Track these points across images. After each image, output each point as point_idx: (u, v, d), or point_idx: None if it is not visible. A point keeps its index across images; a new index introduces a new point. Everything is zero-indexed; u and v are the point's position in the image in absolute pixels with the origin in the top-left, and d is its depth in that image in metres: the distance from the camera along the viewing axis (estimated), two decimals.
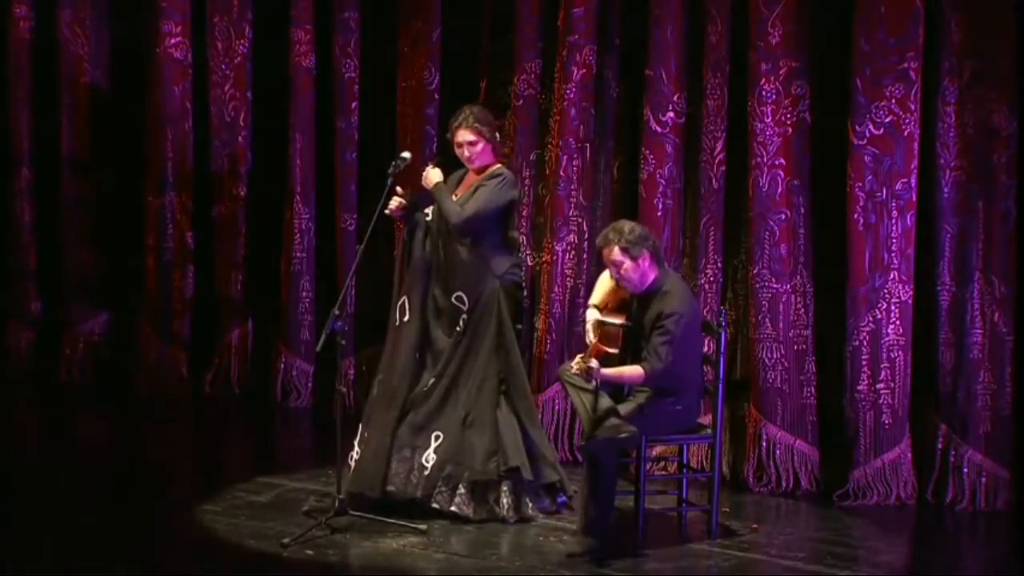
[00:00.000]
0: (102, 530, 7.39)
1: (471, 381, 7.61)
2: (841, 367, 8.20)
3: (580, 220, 8.73)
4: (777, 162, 8.18)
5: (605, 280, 7.48)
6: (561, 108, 8.67)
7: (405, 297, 7.74)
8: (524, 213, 8.81)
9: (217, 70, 9.97)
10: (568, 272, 8.72)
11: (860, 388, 8.12)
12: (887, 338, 8.09)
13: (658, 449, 8.30)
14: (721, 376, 7.46)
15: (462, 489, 7.52)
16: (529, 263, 8.85)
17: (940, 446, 8.13)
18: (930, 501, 8.16)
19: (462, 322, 7.61)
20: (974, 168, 8.02)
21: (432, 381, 7.65)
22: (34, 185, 10.31)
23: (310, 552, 7.07)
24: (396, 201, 7.69)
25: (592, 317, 7.35)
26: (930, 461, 8.17)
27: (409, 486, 7.55)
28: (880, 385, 8.10)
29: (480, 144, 7.62)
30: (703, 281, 8.49)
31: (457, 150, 7.68)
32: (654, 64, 8.46)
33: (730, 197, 8.48)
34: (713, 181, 8.45)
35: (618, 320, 7.28)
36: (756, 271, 8.26)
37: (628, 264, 7.17)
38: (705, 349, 7.62)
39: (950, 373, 8.12)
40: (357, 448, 7.72)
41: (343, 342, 7.42)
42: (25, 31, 10.21)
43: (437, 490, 7.53)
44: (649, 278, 7.22)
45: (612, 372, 7.09)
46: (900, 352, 8.10)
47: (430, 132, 9.30)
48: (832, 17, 8.18)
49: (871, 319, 8.10)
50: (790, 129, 8.18)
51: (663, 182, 8.47)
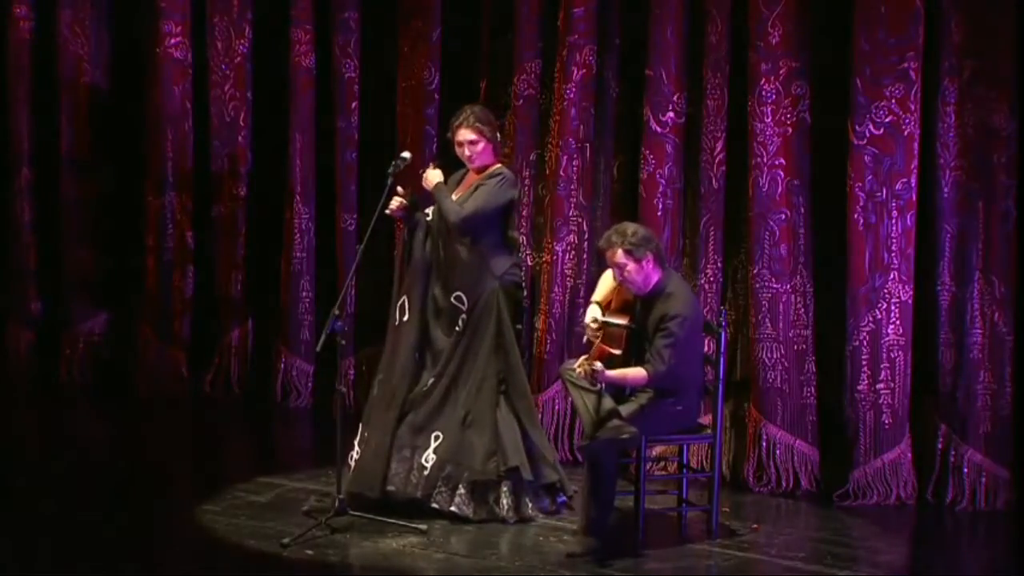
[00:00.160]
0: (102, 530, 7.39)
1: (470, 381, 7.61)
2: (841, 367, 8.20)
3: (580, 220, 8.73)
4: (777, 162, 8.18)
5: (608, 278, 7.47)
6: (561, 108, 8.67)
7: (405, 297, 7.74)
8: (524, 213, 8.82)
9: (217, 70, 9.97)
10: (568, 272, 8.72)
11: (860, 388, 8.12)
12: (887, 338, 8.09)
13: (658, 449, 8.30)
14: (721, 376, 7.46)
15: (462, 489, 7.52)
16: (529, 263, 8.85)
17: (940, 446, 8.13)
18: (930, 501, 8.16)
19: (461, 322, 7.61)
20: (974, 168, 8.02)
21: (432, 381, 7.65)
22: (34, 185, 10.31)
23: (310, 552, 7.07)
24: (397, 201, 7.69)
25: (593, 313, 7.35)
26: (930, 461, 8.17)
27: (409, 486, 7.55)
28: (880, 385, 8.10)
29: (481, 144, 7.62)
30: (703, 281, 8.49)
31: (458, 149, 7.68)
32: (654, 64, 8.46)
33: (730, 197, 8.48)
34: (713, 181, 8.45)
35: (622, 321, 7.28)
36: (756, 271, 8.26)
37: (631, 266, 7.17)
38: (705, 349, 7.62)
39: (950, 373, 8.12)
40: (357, 448, 7.72)
41: (343, 342, 7.42)
42: (25, 31, 10.21)
43: (437, 490, 7.53)
44: (652, 280, 7.22)
45: (616, 374, 7.08)
46: (900, 352, 8.10)
47: (430, 132, 9.30)
48: (832, 17, 8.18)
49: (871, 319, 8.10)
50: (790, 129, 8.18)
51: (663, 182, 8.47)
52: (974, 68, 7.97)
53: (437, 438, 7.58)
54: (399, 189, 7.71)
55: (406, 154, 7.79)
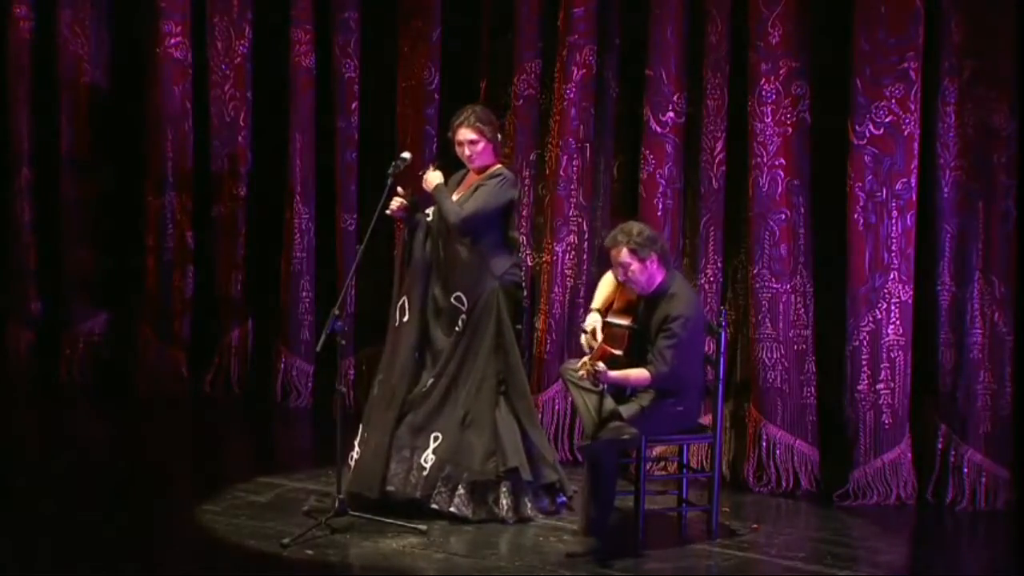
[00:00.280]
0: (102, 530, 7.39)
1: (470, 381, 7.61)
2: (841, 367, 8.20)
3: (580, 220, 8.73)
4: (777, 162, 8.18)
5: (606, 283, 7.47)
6: (561, 108, 8.67)
7: (405, 297, 7.74)
8: (524, 213, 8.81)
9: (217, 70, 9.97)
10: (568, 272, 8.72)
11: (860, 388, 8.12)
12: (887, 338, 8.09)
13: (658, 449, 8.30)
14: (721, 376, 7.46)
15: (461, 490, 7.52)
16: (529, 263, 8.85)
17: (940, 446, 8.13)
18: (930, 501, 8.16)
19: (461, 322, 7.61)
20: (974, 168, 8.02)
21: (431, 381, 7.65)
22: (34, 185, 10.31)
23: (310, 552, 7.07)
24: (398, 201, 7.69)
25: (593, 321, 7.33)
26: (930, 461, 8.17)
27: (408, 486, 7.54)
28: (880, 385, 8.10)
29: (481, 144, 7.62)
30: (703, 281, 8.49)
31: (458, 148, 7.68)
32: (654, 64, 8.46)
33: (730, 197, 8.47)
34: (713, 181, 8.45)
35: (624, 321, 7.27)
36: (756, 271, 8.26)
37: (636, 266, 7.17)
38: (706, 349, 7.62)
39: (950, 373, 8.12)
40: (357, 448, 7.71)
41: (343, 342, 7.42)
42: (25, 31, 10.22)
43: (436, 491, 7.53)
44: (656, 280, 7.21)
45: (618, 375, 7.08)
46: (900, 352, 8.10)
47: (430, 132, 9.30)
48: (832, 17, 8.18)
49: (871, 319, 8.10)
50: (790, 129, 8.18)
51: (663, 182, 8.47)
52: (974, 68, 7.97)
53: (436, 438, 7.58)
54: (399, 189, 7.71)
55: (406, 154, 7.79)
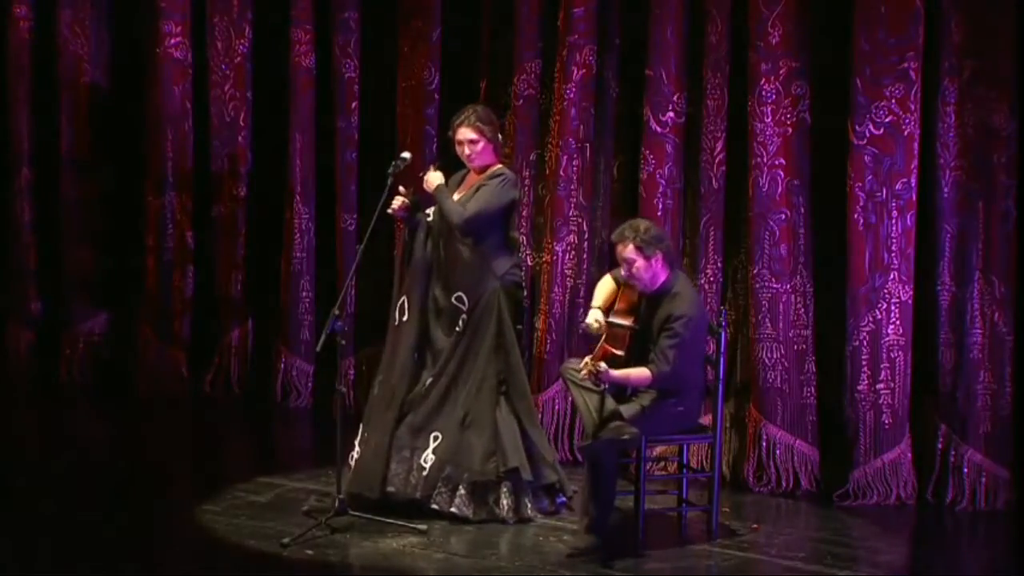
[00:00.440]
0: (102, 530, 7.39)
1: (470, 381, 7.60)
2: (841, 367, 8.20)
3: (580, 220, 8.73)
4: (777, 162, 8.18)
5: (605, 285, 7.47)
6: (561, 108, 8.67)
7: (405, 297, 7.74)
8: (524, 213, 8.81)
9: (217, 70, 9.97)
10: (568, 272, 8.72)
11: (860, 388, 8.12)
12: (887, 338, 8.09)
13: (658, 449, 8.30)
14: (721, 376, 7.46)
15: (462, 490, 7.52)
16: (529, 263, 8.85)
17: (940, 446, 8.13)
18: (930, 501, 8.16)
19: (462, 322, 7.61)
20: (974, 168, 8.02)
21: (430, 380, 7.64)
22: (34, 185, 10.32)
23: (310, 552, 7.07)
24: (399, 201, 7.68)
25: (595, 315, 7.33)
26: (930, 461, 8.17)
27: (408, 487, 7.54)
28: (880, 385, 8.10)
29: (481, 143, 7.62)
30: (703, 281, 8.49)
31: (458, 148, 7.68)
32: (654, 64, 8.46)
33: (730, 197, 8.47)
34: (713, 181, 8.45)
35: (625, 322, 7.27)
36: (756, 271, 8.26)
37: (640, 263, 7.17)
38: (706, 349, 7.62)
39: (950, 373, 8.12)
40: (358, 448, 7.72)
41: (343, 342, 7.41)
42: (25, 31, 10.22)
43: (437, 491, 7.52)
44: (660, 279, 7.21)
45: (620, 374, 7.08)
46: (900, 352, 8.10)
47: (430, 132, 9.30)
48: (832, 17, 8.18)
49: (871, 319, 8.10)
50: (790, 129, 8.18)
51: (663, 182, 8.47)
52: (974, 68, 7.97)
53: (436, 439, 7.58)
54: (401, 189, 7.71)
55: (406, 154, 7.79)
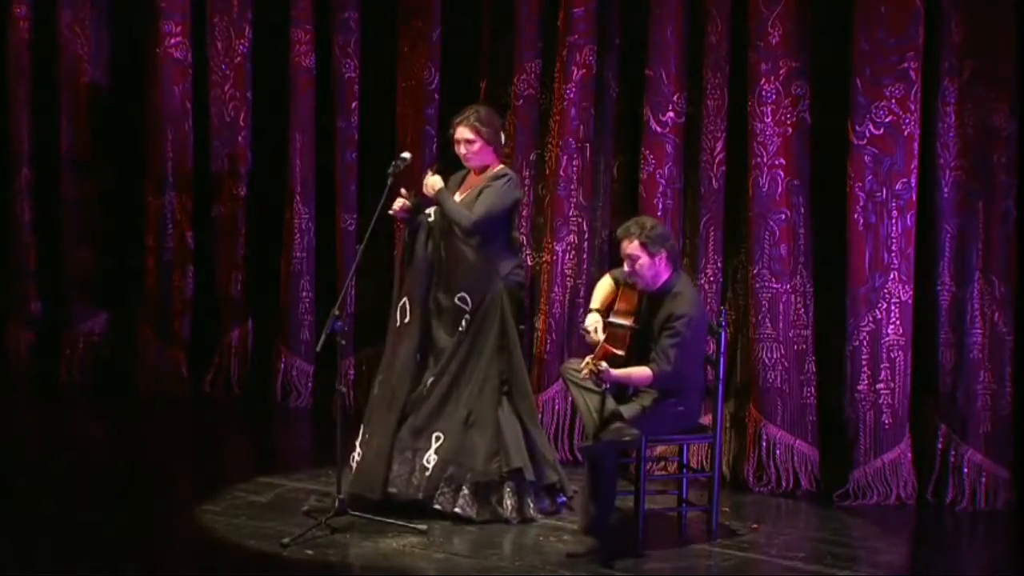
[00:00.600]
0: (102, 530, 7.39)
1: (473, 381, 7.60)
2: (841, 367, 8.20)
3: (580, 220, 8.73)
4: (777, 162, 8.19)
5: (604, 286, 7.46)
6: (561, 108, 8.67)
7: (406, 298, 7.73)
8: (524, 213, 8.81)
9: (217, 70, 9.97)
10: (568, 272, 8.72)
11: (860, 388, 8.12)
12: (887, 338, 8.09)
13: (658, 449, 8.30)
14: (721, 376, 7.46)
15: (465, 490, 7.51)
16: (529, 263, 8.84)
17: (940, 446, 8.13)
18: (930, 501, 8.16)
19: (465, 322, 7.60)
20: (974, 168, 8.02)
21: (431, 380, 7.64)
22: (34, 185, 10.31)
23: (310, 552, 7.07)
24: (400, 202, 7.68)
25: (594, 320, 7.32)
26: (930, 461, 8.17)
27: (411, 488, 7.53)
28: (880, 385, 8.10)
29: (478, 144, 7.61)
30: (703, 281, 8.49)
31: (456, 146, 7.68)
32: (654, 64, 8.46)
33: (730, 197, 8.48)
34: (713, 181, 8.45)
35: (626, 322, 7.27)
36: (756, 271, 8.26)
37: (644, 260, 7.17)
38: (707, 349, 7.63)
39: (950, 373, 8.12)
40: (359, 449, 7.71)
41: (343, 342, 7.41)
42: (25, 31, 10.21)
43: (439, 491, 7.52)
44: (662, 278, 7.22)
45: (621, 373, 7.07)
46: (900, 352, 8.10)
47: (430, 132, 9.30)
48: (832, 17, 8.18)
49: (871, 319, 8.10)
50: (790, 129, 8.18)
51: (663, 182, 8.47)
52: (974, 68, 7.97)
53: (438, 439, 7.57)
54: (403, 191, 7.70)
55: (406, 154, 7.79)
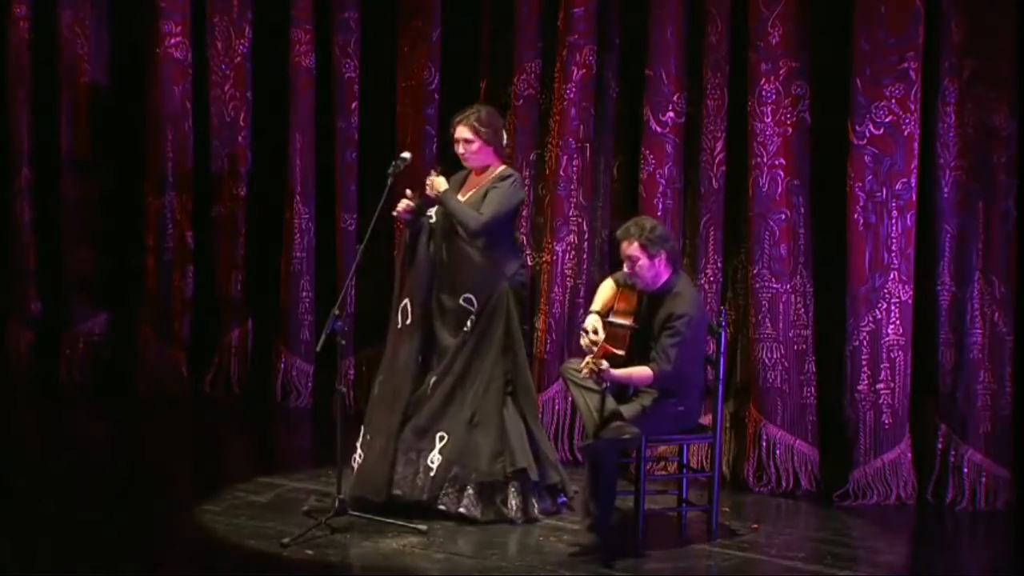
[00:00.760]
0: (102, 530, 7.39)
1: (477, 381, 7.59)
2: (841, 367, 8.20)
3: (580, 220, 8.73)
4: (777, 162, 8.19)
5: (606, 289, 7.46)
6: (561, 108, 8.67)
7: (407, 299, 7.72)
8: (524, 213, 8.81)
9: (217, 70, 9.97)
10: (568, 272, 8.72)
11: (860, 388, 8.12)
12: (887, 338, 8.09)
13: (658, 449, 8.30)
14: (721, 376, 7.46)
15: (470, 490, 7.50)
16: (529, 263, 8.84)
17: (940, 446, 8.13)
18: (930, 501, 8.16)
19: (470, 322, 7.59)
20: (974, 168, 8.02)
21: (434, 380, 7.63)
22: (34, 185, 10.32)
23: (310, 552, 7.07)
24: (404, 203, 7.68)
25: (593, 321, 7.32)
26: (930, 461, 8.17)
27: (416, 489, 7.52)
28: (880, 385, 8.10)
29: (476, 144, 7.61)
30: (703, 281, 8.49)
31: (455, 145, 7.69)
32: (654, 64, 8.46)
33: (730, 197, 8.48)
34: (713, 181, 8.45)
35: (626, 322, 7.27)
36: (756, 271, 8.26)
37: (644, 261, 7.17)
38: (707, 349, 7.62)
39: (950, 373, 8.12)
40: (360, 450, 7.70)
41: (343, 342, 7.41)
42: (25, 31, 10.22)
43: (444, 492, 7.51)
44: (661, 279, 7.22)
45: (621, 373, 7.08)
46: (900, 352, 8.10)
47: (430, 132, 9.30)
48: (832, 17, 8.18)
49: (871, 319, 8.10)
50: (790, 129, 8.18)
51: (663, 182, 8.47)
52: (974, 68, 7.97)
53: (442, 439, 7.57)
54: (408, 192, 7.70)
55: (406, 154, 7.78)
